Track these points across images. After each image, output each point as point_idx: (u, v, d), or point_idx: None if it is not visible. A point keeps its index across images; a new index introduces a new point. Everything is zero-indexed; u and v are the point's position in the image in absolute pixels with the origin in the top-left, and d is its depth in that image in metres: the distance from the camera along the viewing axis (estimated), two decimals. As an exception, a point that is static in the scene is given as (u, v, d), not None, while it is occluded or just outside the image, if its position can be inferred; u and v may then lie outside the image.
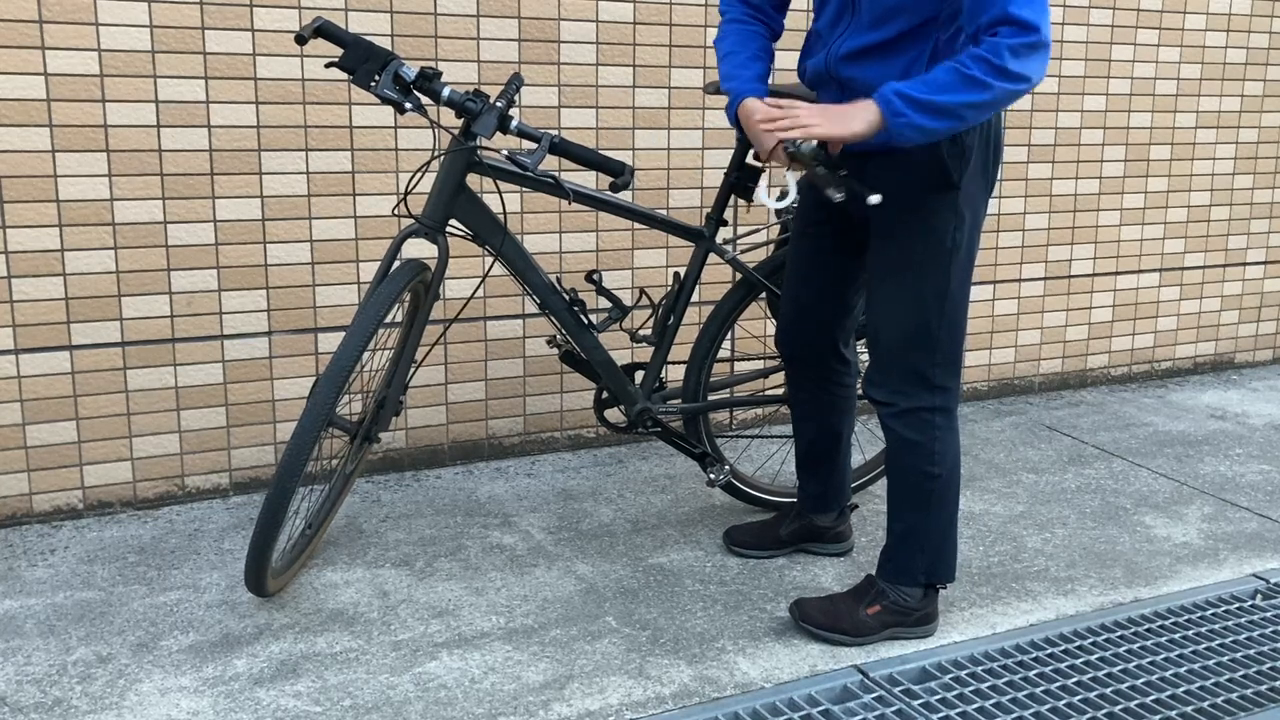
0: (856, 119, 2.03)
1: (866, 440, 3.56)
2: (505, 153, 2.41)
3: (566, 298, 2.61)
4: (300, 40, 2.27)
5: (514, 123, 2.39)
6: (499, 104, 2.37)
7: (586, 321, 2.63)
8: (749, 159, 2.65)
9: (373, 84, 2.30)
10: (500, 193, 2.68)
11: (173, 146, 2.82)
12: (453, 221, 2.49)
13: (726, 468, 2.80)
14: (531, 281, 2.57)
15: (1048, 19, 1.99)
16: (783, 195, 2.19)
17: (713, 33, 3.38)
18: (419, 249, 3.13)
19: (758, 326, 3.65)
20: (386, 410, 2.55)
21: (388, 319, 2.34)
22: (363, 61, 2.32)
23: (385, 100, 2.30)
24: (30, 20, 2.64)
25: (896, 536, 2.36)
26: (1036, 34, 1.96)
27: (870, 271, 2.27)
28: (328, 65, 2.32)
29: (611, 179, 2.42)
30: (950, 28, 2.11)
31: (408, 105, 2.31)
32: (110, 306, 2.83)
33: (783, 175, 3.57)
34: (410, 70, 2.35)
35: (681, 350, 3.45)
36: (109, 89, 2.73)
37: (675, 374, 3.41)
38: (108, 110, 2.74)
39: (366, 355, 3.08)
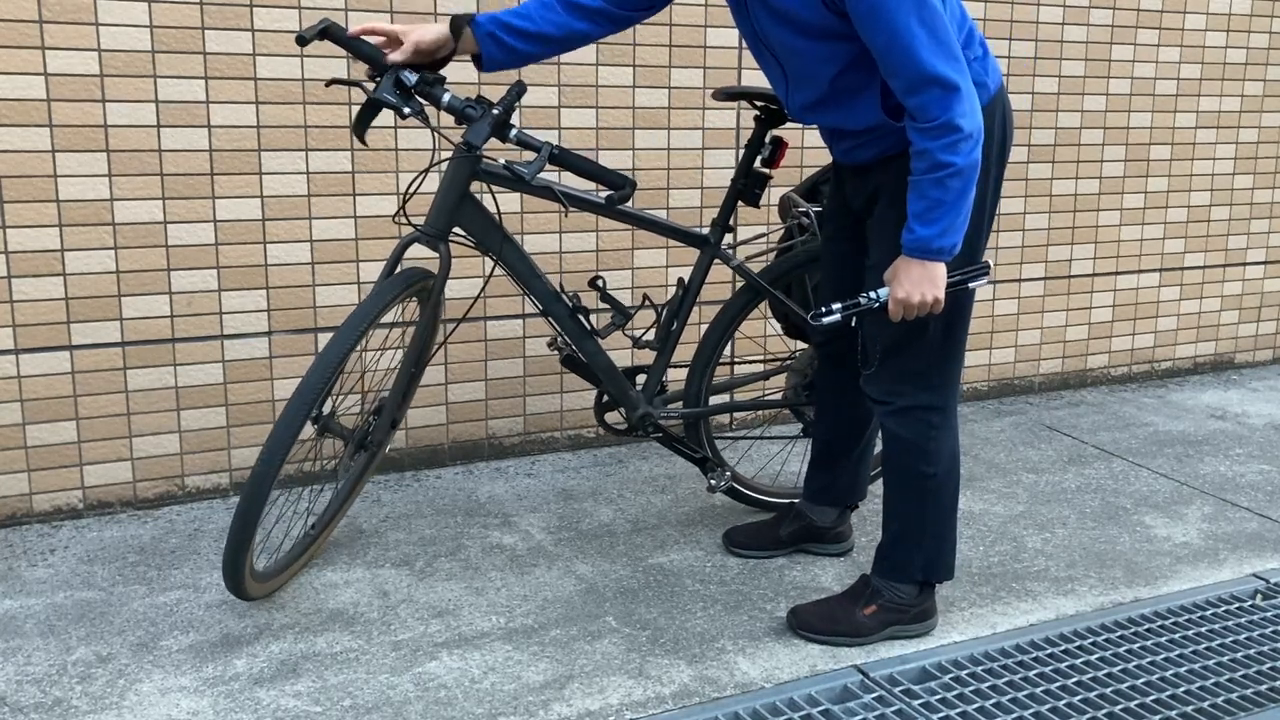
0: (938, 283, 2.07)
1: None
2: (503, 162, 2.39)
3: (570, 304, 2.59)
4: (301, 42, 2.26)
5: (513, 131, 2.35)
6: (495, 111, 2.35)
7: (589, 327, 2.63)
8: (757, 165, 2.65)
9: (373, 87, 2.29)
10: (494, 197, 2.64)
11: (173, 146, 2.82)
12: (456, 229, 2.47)
13: (727, 473, 2.79)
14: (535, 289, 2.55)
15: (961, 108, 1.96)
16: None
17: (713, 33, 3.38)
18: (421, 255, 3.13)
19: (755, 328, 3.65)
20: (383, 420, 2.52)
21: (377, 323, 2.32)
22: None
23: (384, 104, 2.28)
24: (30, 20, 2.64)
25: (892, 535, 2.36)
26: (957, 132, 1.97)
27: (868, 269, 2.28)
28: (329, 84, 2.32)
29: (610, 191, 2.38)
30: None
31: (407, 110, 2.29)
32: (110, 306, 2.83)
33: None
34: (411, 75, 2.33)
35: (682, 352, 3.45)
36: (109, 89, 2.74)
37: (672, 375, 3.41)
38: (108, 110, 2.74)
39: (366, 358, 3.08)
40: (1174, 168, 4.29)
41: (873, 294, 2.14)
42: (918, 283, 2.06)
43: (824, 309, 2.15)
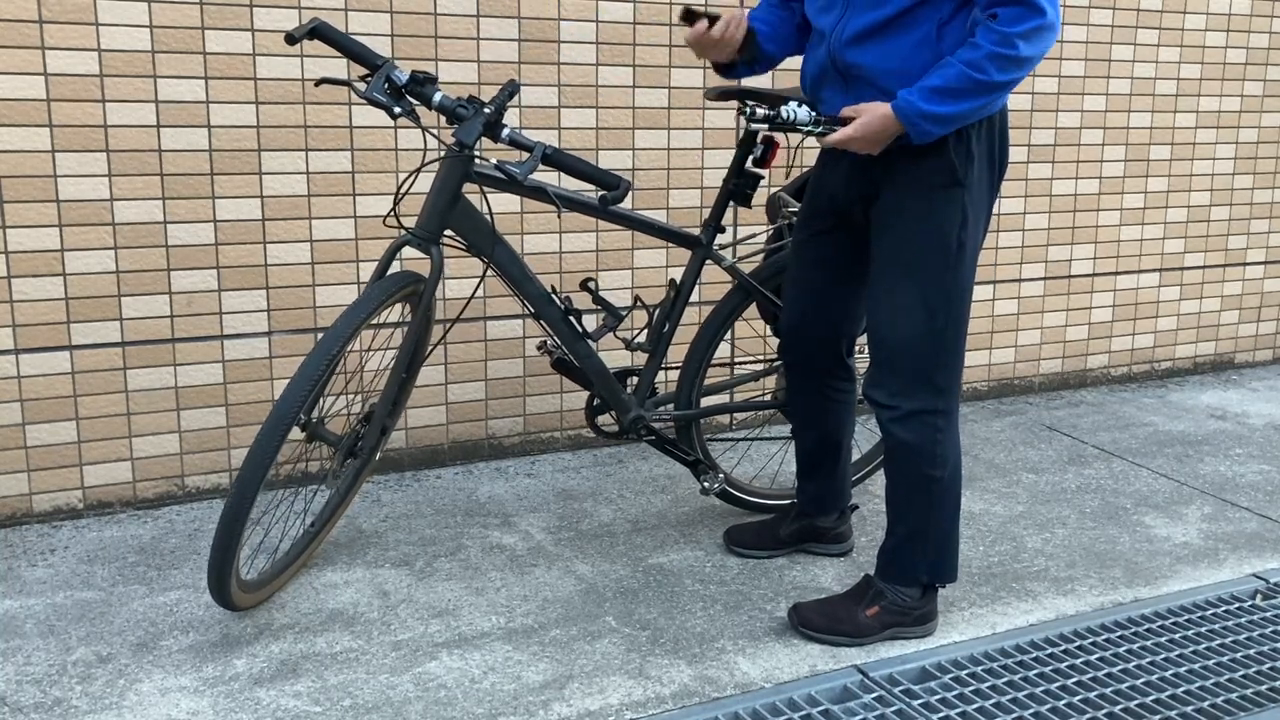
0: (880, 144, 2.13)
1: (861, 435, 3.56)
2: (494, 162, 2.35)
3: (562, 307, 2.58)
4: (290, 40, 2.25)
5: (505, 131, 2.32)
6: (487, 110, 2.32)
7: (581, 330, 2.61)
8: (748, 165, 2.63)
9: (364, 87, 2.28)
10: (487, 201, 2.62)
11: (173, 146, 2.82)
12: (447, 232, 2.44)
13: (720, 475, 2.78)
14: (527, 291, 2.54)
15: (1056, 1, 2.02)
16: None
17: (713, 33, 3.38)
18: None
19: (752, 329, 3.65)
20: (372, 427, 2.49)
21: (363, 329, 2.29)
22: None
23: (374, 103, 2.26)
24: (30, 20, 2.64)
25: (898, 538, 2.35)
26: (1043, 16, 2.00)
27: (874, 271, 2.27)
28: (319, 83, 2.31)
29: (604, 192, 2.33)
30: (952, 2, 2.10)
31: (397, 110, 2.26)
32: (110, 306, 2.83)
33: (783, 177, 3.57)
34: (402, 74, 2.31)
35: (674, 353, 3.45)
36: (109, 89, 2.74)
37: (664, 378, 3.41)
38: (108, 110, 2.74)
39: (358, 361, 3.08)
40: (1174, 168, 4.29)
41: (804, 116, 2.15)
42: (873, 136, 2.10)
43: (750, 109, 2.17)
